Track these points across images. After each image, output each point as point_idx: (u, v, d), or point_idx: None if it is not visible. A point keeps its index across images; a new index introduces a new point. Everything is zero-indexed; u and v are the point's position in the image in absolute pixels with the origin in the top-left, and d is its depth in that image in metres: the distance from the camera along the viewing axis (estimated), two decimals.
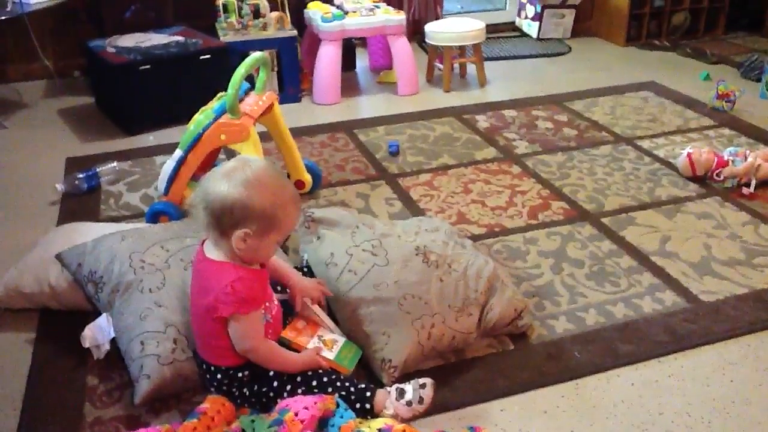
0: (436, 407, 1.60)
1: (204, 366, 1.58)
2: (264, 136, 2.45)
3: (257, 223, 1.43)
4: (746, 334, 1.86)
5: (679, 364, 1.76)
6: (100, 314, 1.80)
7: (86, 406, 1.63)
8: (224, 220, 1.43)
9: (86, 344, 1.73)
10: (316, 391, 1.54)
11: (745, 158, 2.66)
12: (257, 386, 1.56)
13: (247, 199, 1.41)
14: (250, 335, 1.51)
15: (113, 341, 1.73)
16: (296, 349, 1.62)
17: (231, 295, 1.46)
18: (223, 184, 1.43)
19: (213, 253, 1.51)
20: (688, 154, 2.70)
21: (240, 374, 1.56)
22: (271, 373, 1.56)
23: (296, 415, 1.45)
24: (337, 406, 1.51)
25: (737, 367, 1.75)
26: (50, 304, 1.93)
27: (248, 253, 1.48)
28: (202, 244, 1.56)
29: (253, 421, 1.51)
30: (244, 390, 1.56)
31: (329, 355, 1.64)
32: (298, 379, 1.56)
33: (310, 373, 1.57)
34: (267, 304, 1.58)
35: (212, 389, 1.58)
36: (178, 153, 2.32)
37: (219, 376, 1.56)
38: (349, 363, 1.67)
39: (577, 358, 1.77)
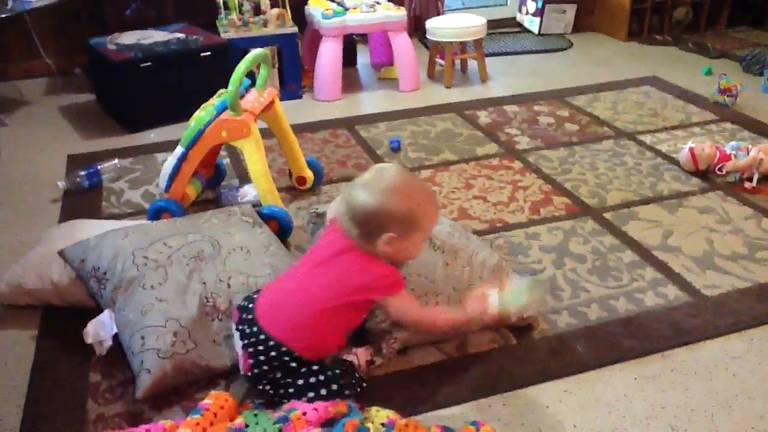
0: (439, 402, 1.61)
1: (270, 342, 1.55)
2: (265, 133, 2.45)
3: (399, 226, 1.53)
4: (749, 328, 1.86)
5: (681, 359, 1.76)
6: (103, 310, 1.80)
7: (89, 403, 1.63)
8: (369, 227, 1.54)
9: (89, 340, 1.74)
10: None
11: (748, 152, 2.66)
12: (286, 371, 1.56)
13: (386, 206, 1.52)
14: (412, 308, 1.61)
15: (116, 337, 1.73)
16: None
17: (386, 278, 1.55)
18: (363, 194, 1.54)
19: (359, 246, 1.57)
20: (690, 149, 2.70)
21: (293, 364, 1.56)
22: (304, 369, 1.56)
23: (304, 414, 1.46)
24: (350, 409, 1.51)
25: (740, 361, 1.75)
26: (53, 300, 1.93)
27: (395, 254, 1.57)
28: (340, 233, 1.59)
29: (256, 415, 1.51)
30: (279, 374, 1.56)
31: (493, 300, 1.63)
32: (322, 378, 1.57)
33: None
34: None
35: (251, 360, 1.56)
36: (179, 150, 2.32)
37: (273, 354, 1.54)
38: (513, 299, 1.64)
39: (579, 353, 1.77)
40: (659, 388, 1.66)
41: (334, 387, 1.55)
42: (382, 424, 1.47)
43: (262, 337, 1.56)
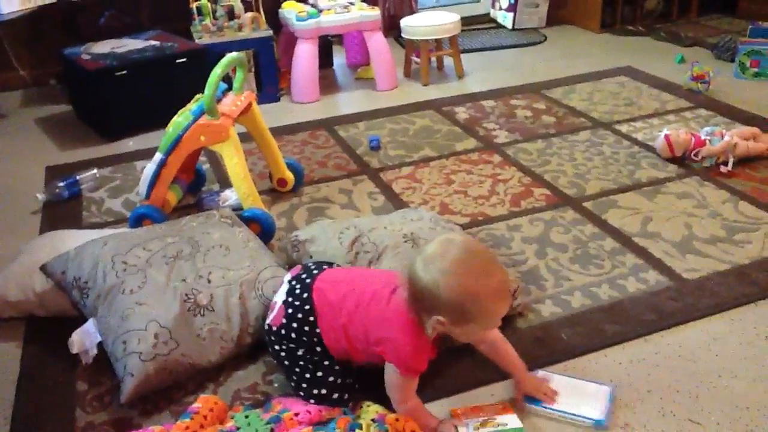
0: (427, 396, 1.61)
1: (314, 339, 1.56)
2: (244, 137, 2.45)
3: (449, 313, 1.38)
4: (730, 309, 1.89)
5: (665, 342, 1.78)
6: (87, 320, 1.79)
7: (77, 412, 1.62)
8: (419, 303, 1.41)
9: (74, 350, 1.73)
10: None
11: (722, 137, 2.69)
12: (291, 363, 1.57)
13: (435, 289, 1.36)
14: (403, 391, 1.52)
15: (101, 345, 1.72)
16: None
17: (402, 356, 1.47)
18: (421, 267, 1.39)
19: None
20: (666, 136, 2.73)
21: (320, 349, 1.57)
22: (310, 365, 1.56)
23: (296, 415, 1.46)
24: (344, 413, 1.51)
25: (722, 341, 1.77)
26: (36, 311, 1.92)
27: (445, 333, 1.45)
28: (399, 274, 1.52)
29: (247, 416, 1.51)
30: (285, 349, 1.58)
31: None
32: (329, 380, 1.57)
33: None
34: None
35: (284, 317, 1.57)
36: (158, 156, 2.31)
37: (294, 335, 1.56)
38: None
39: (564, 341, 1.79)
40: (644, 371, 1.68)
41: (335, 396, 1.55)
42: (373, 420, 1.47)
43: (307, 307, 1.57)
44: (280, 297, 1.63)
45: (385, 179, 2.73)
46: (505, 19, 4.89)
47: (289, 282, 1.64)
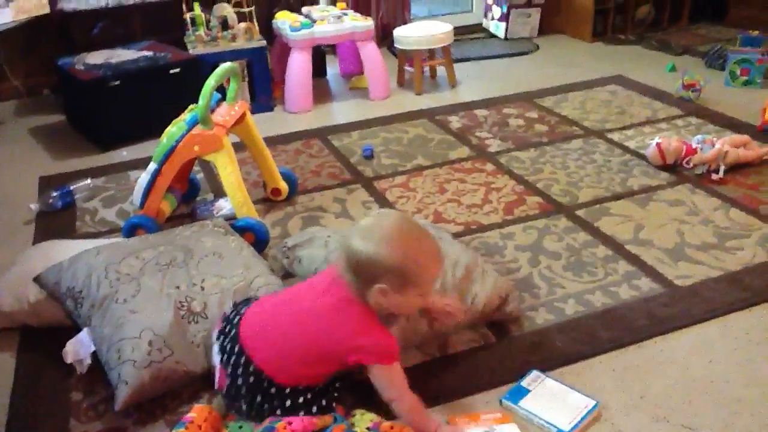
0: (423, 403, 1.61)
1: (250, 367, 1.51)
2: (238, 146, 2.45)
3: (392, 279, 1.43)
4: (722, 315, 1.90)
5: (658, 348, 1.79)
6: (81, 329, 1.79)
7: (72, 422, 1.62)
8: (361, 275, 1.45)
9: (69, 359, 1.73)
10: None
11: (713, 145, 2.72)
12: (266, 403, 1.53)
13: (379, 255, 1.42)
14: (396, 384, 1.50)
15: (95, 354, 1.72)
16: None
17: (381, 346, 1.47)
18: (358, 240, 1.45)
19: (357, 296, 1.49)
20: (658, 144, 2.75)
21: (273, 389, 1.52)
22: (287, 390, 1.52)
23: (289, 424, 1.46)
24: (335, 418, 1.51)
25: (715, 347, 1.78)
26: (30, 321, 1.92)
27: (390, 308, 1.49)
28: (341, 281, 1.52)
29: (241, 427, 1.51)
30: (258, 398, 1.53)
31: None
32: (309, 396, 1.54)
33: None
34: None
35: (229, 377, 1.53)
36: (152, 166, 2.32)
37: (261, 383, 1.51)
38: None
39: (558, 348, 1.80)
40: (638, 377, 1.69)
41: (314, 410, 1.53)
42: (368, 428, 1.48)
43: (243, 359, 1.53)
44: (216, 358, 1.59)
45: (379, 188, 2.74)
46: (498, 28, 4.92)
47: (217, 339, 1.60)
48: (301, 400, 1.52)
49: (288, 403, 1.51)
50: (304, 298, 1.57)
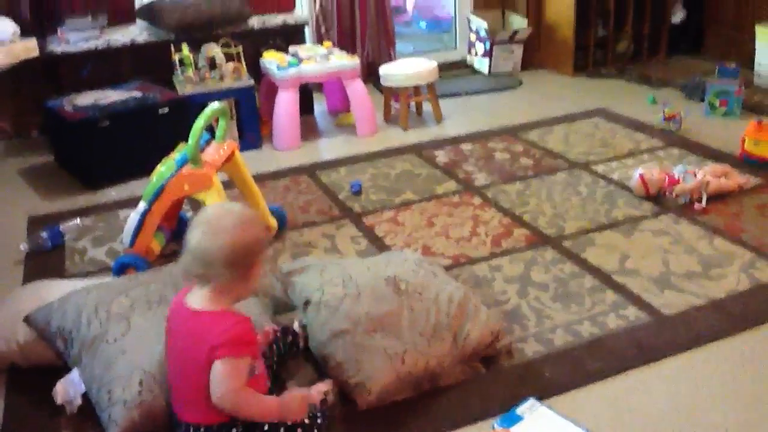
0: None
1: (191, 429, 1.52)
2: (227, 184, 2.48)
3: (263, 250, 1.59)
4: (708, 342, 1.93)
5: (646, 376, 1.81)
6: (71, 369, 1.79)
7: None
8: (245, 264, 1.51)
9: (59, 400, 1.72)
10: None
11: (695, 175, 2.77)
12: None
13: (256, 234, 1.53)
14: (233, 377, 1.47)
15: (85, 395, 1.72)
16: None
17: (229, 336, 1.47)
18: (221, 237, 1.48)
19: (207, 304, 1.51)
20: (641, 175, 2.80)
21: (234, 430, 1.52)
22: (266, 428, 1.52)
23: None
24: None
25: (702, 374, 1.81)
26: (19, 362, 1.91)
27: (248, 286, 1.56)
28: (180, 300, 1.55)
29: None
30: None
31: None
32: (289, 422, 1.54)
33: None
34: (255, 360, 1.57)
35: None
36: (142, 205, 2.34)
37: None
38: None
39: (547, 378, 1.81)
40: (627, 406, 1.71)
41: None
42: None
43: (192, 429, 1.52)
44: None
45: (367, 223, 2.76)
46: (481, 64, 5.01)
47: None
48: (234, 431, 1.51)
49: None
50: (171, 339, 1.59)
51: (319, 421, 1.58)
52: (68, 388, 1.72)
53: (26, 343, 1.88)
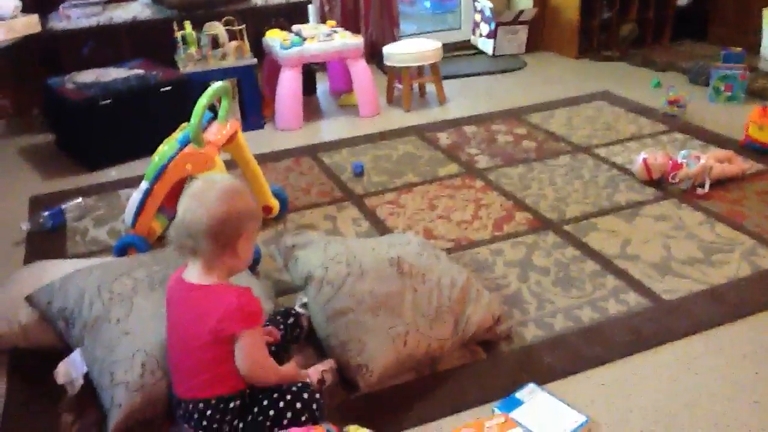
0: (413, 420, 1.64)
1: (190, 406, 1.52)
2: (229, 164, 2.47)
3: (250, 223, 1.53)
4: (708, 329, 1.93)
5: (645, 362, 1.81)
6: (72, 351, 1.79)
7: None
8: (227, 235, 1.49)
9: (60, 380, 1.73)
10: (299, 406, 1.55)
11: (698, 160, 2.76)
12: (250, 416, 1.53)
13: (238, 206, 1.51)
14: (259, 348, 1.54)
15: (87, 375, 1.72)
16: None
17: (239, 310, 1.48)
18: (207, 207, 1.48)
19: (203, 279, 1.52)
20: (644, 159, 2.79)
21: (231, 404, 1.52)
22: (265, 402, 1.53)
23: None
24: None
25: (701, 361, 1.81)
26: (21, 343, 1.91)
27: (243, 258, 1.55)
28: (178, 276, 1.56)
29: None
30: (236, 423, 1.53)
31: None
32: (288, 397, 1.54)
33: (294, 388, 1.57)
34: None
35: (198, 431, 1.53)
36: (144, 185, 2.33)
37: (209, 412, 1.51)
38: None
39: (547, 363, 1.82)
40: (625, 392, 1.71)
41: (289, 415, 1.52)
42: None
43: (191, 406, 1.52)
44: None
45: (369, 205, 2.76)
46: (486, 45, 4.98)
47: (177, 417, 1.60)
48: (269, 413, 1.52)
49: (210, 413, 1.51)
50: (172, 315, 1.60)
51: (316, 396, 1.58)
52: (70, 369, 1.73)
53: (28, 325, 1.89)
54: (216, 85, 2.34)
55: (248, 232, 1.53)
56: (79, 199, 2.82)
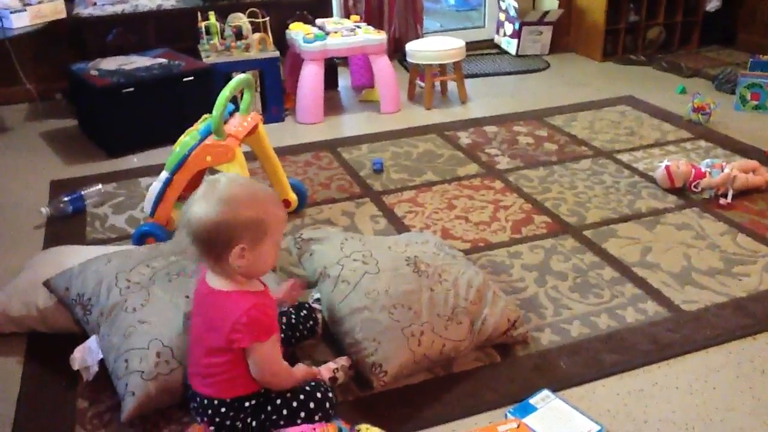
0: (427, 421, 1.63)
1: (205, 401, 1.53)
2: (249, 156, 2.47)
3: (248, 234, 1.42)
4: (727, 341, 1.90)
5: (662, 373, 1.79)
6: (89, 336, 1.80)
7: (77, 429, 1.63)
8: (215, 244, 1.41)
9: (76, 366, 1.74)
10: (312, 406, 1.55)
11: (722, 169, 2.72)
12: (264, 415, 1.53)
13: (228, 216, 1.39)
14: (271, 360, 1.51)
15: (102, 362, 1.73)
16: None
17: (248, 324, 1.44)
18: (200, 211, 1.40)
19: (216, 282, 1.48)
20: (666, 167, 2.76)
21: (246, 404, 1.52)
22: (279, 401, 1.54)
23: None
24: (339, 430, 1.52)
25: (719, 374, 1.79)
26: (38, 327, 1.93)
27: (250, 267, 1.45)
28: (203, 276, 1.53)
29: None
30: (250, 421, 1.53)
31: None
32: (302, 396, 1.55)
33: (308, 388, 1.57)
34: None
35: (212, 427, 1.53)
36: (164, 175, 2.34)
37: (223, 409, 1.51)
38: None
39: (562, 370, 1.80)
40: (641, 402, 1.69)
41: (303, 415, 1.53)
42: None
43: (206, 402, 1.52)
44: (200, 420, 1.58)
45: (387, 202, 2.75)
46: (509, 45, 4.95)
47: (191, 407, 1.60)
48: (281, 413, 1.52)
49: (272, 418, 1.52)
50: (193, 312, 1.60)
51: (330, 395, 1.58)
52: (86, 355, 1.74)
53: (45, 309, 1.90)
54: (239, 77, 2.33)
55: (248, 241, 1.41)
56: (99, 186, 2.83)
